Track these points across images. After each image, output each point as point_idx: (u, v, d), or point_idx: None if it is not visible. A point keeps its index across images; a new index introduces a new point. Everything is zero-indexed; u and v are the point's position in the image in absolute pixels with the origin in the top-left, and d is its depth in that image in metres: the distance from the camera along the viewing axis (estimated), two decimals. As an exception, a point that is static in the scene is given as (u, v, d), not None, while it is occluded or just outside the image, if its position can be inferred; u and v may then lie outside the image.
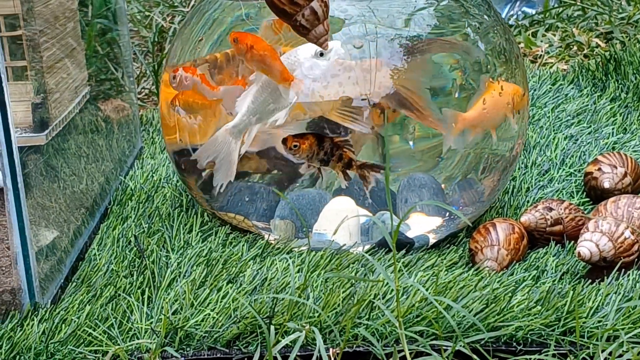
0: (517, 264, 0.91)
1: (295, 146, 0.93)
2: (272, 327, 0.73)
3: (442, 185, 0.98)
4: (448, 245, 0.98)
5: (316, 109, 0.94)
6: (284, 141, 0.94)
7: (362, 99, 0.94)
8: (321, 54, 0.91)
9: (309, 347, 0.77)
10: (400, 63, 0.94)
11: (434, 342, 0.73)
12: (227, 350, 0.78)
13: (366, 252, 0.95)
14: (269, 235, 0.98)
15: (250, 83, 0.93)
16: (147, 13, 1.87)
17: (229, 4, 0.99)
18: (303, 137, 0.94)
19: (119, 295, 0.87)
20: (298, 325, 0.74)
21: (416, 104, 0.93)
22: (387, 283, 0.81)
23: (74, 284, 0.93)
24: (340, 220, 0.99)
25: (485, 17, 1.00)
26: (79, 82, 1.20)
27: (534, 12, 1.82)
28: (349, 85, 0.91)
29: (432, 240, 0.99)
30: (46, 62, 1.06)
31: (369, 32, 0.93)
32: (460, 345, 0.71)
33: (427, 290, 0.80)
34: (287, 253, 0.93)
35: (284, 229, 1.02)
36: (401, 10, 0.95)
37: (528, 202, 1.07)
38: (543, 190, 1.09)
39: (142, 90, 1.63)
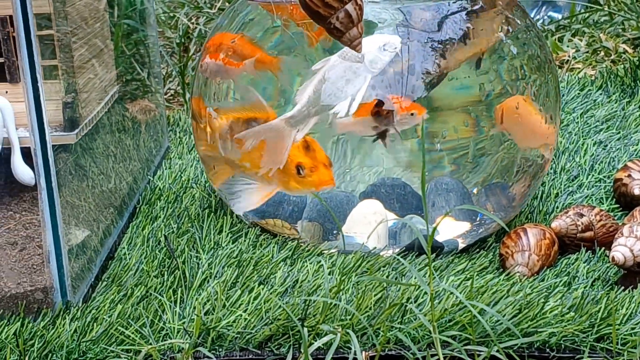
0: (548, 269, 0.91)
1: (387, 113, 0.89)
2: (305, 329, 0.73)
3: (475, 190, 0.98)
4: (477, 249, 0.98)
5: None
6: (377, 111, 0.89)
7: (394, 102, 0.94)
8: (384, 48, 0.90)
9: (341, 350, 0.77)
10: (432, 67, 0.94)
11: (468, 347, 0.73)
12: (259, 352, 0.78)
13: (389, 256, 0.95)
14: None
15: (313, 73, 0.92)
16: (171, 14, 1.88)
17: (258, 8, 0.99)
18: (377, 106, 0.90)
19: (150, 294, 0.88)
20: (331, 327, 0.73)
21: None
22: (419, 287, 0.81)
23: (104, 283, 0.94)
24: (368, 223, 0.99)
25: (518, 21, 1.00)
26: (107, 82, 1.20)
27: (560, 17, 1.81)
28: (382, 89, 0.91)
29: (460, 245, 0.99)
30: (76, 62, 1.07)
31: (402, 36, 0.93)
32: (495, 351, 0.70)
33: (461, 293, 0.80)
34: (318, 255, 0.93)
35: (312, 231, 1.02)
36: (434, 13, 0.95)
37: (557, 207, 1.06)
38: (572, 196, 1.09)
39: (168, 90, 1.64)
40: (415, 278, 0.85)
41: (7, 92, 1.08)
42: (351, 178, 1.02)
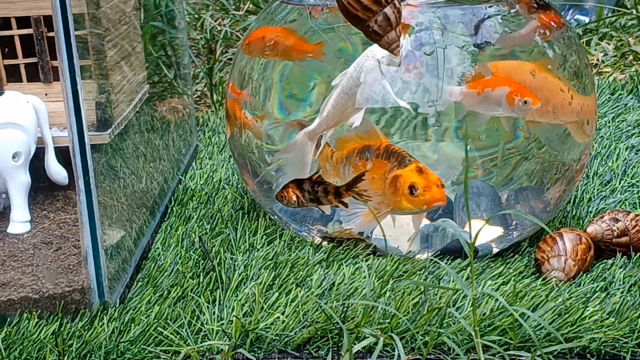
0: (584, 275, 0.91)
1: (282, 197, 0.94)
2: (345, 333, 0.73)
3: (505, 196, 0.98)
4: (512, 254, 0.97)
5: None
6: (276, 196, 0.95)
7: (429, 106, 0.94)
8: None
9: (380, 354, 0.77)
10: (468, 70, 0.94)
11: (510, 352, 0.72)
12: (298, 354, 0.78)
13: (424, 260, 0.95)
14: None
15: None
16: (196, 15, 1.88)
17: (298, 9, 0.99)
18: (284, 189, 0.95)
19: (187, 295, 0.88)
20: (371, 331, 0.73)
21: None
22: (458, 291, 0.81)
23: (140, 283, 0.94)
24: (401, 226, 1.00)
25: (553, 24, 1.00)
26: (137, 82, 1.21)
27: (587, 20, 1.80)
28: (419, 92, 0.91)
29: (494, 250, 0.98)
30: (109, 62, 1.07)
31: (438, 39, 0.93)
32: (537, 356, 0.70)
33: (497, 299, 0.79)
34: (353, 258, 0.93)
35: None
36: (471, 17, 0.94)
37: (590, 212, 1.06)
38: (605, 200, 1.08)
39: (195, 92, 1.64)
40: (453, 282, 0.85)
41: (46, 94, 1.09)
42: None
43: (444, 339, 0.72)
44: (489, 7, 0.96)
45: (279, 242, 0.96)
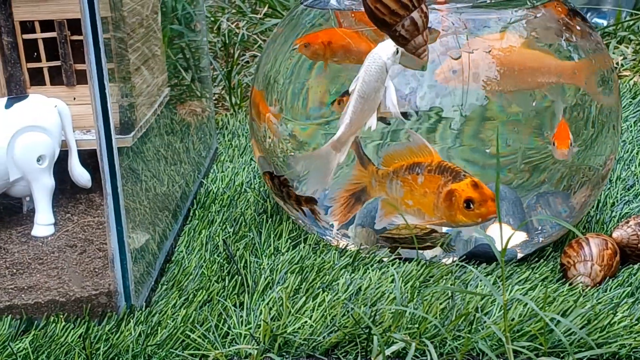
0: (610, 280, 0.90)
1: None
2: (375, 338, 0.73)
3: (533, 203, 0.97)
4: (536, 259, 0.97)
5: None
6: None
7: (454, 111, 0.94)
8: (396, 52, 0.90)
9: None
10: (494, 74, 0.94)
11: (540, 358, 0.72)
12: (326, 359, 0.78)
13: (450, 264, 0.95)
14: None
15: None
16: (212, 18, 1.89)
17: (323, 13, 0.99)
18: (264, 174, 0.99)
19: (213, 299, 0.88)
20: (402, 336, 0.73)
21: None
22: (486, 296, 0.81)
23: (164, 286, 0.94)
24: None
25: (578, 27, 0.99)
26: (159, 85, 1.21)
27: (605, 23, 1.80)
28: (446, 97, 0.91)
29: (519, 255, 0.98)
30: (132, 65, 1.08)
31: (463, 43, 0.93)
32: (568, 362, 0.70)
33: (527, 304, 0.79)
34: (378, 262, 0.93)
35: (365, 237, 1.02)
36: (497, 22, 0.94)
37: (614, 217, 1.06)
38: (629, 205, 1.08)
39: (213, 95, 1.64)
40: (481, 287, 0.85)
41: (74, 98, 1.09)
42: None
43: (476, 344, 0.72)
44: (515, 11, 0.96)
45: (304, 246, 0.96)
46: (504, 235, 0.72)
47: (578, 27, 0.99)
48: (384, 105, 0.92)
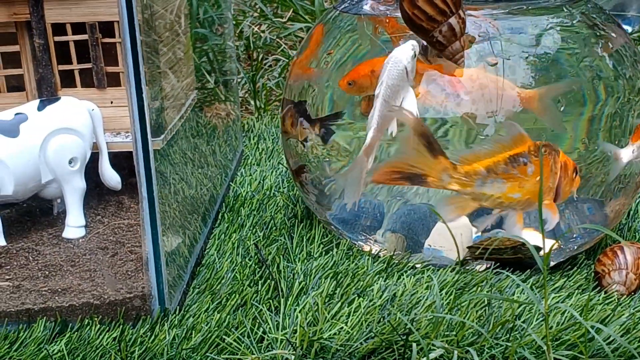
0: (645, 288, 0.90)
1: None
2: (415, 345, 0.73)
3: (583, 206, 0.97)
4: (569, 267, 0.97)
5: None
6: None
7: (489, 117, 0.93)
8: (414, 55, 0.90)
9: (446, 366, 0.76)
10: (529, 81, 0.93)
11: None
12: (363, 365, 0.78)
13: (484, 271, 0.94)
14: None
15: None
16: (234, 22, 1.89)
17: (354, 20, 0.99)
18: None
19: (247, 303, 0.88)
20: (442, 344, 0.73)
21: None
22: (522, 304, 0.80)
23: (196, 290, 0.94)
24: (454, 236, 0.99)
25: (612, 34, 0.99)
26: (187, 88, 1.21)
27: (630, 29, 1.79)
28: (482, 103, 0.91)
29: (551, 263, 0.98)
30: (163, 68, 1.08)
31: (498, 49, 0.92)
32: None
33: (565, 312, 0.79)
34: (411, 268, 0.93)
35: (395, 242, 1.02)
36: (533, 28, 0.94)
37: (646, 225, 1.05)
38: (660, 213, 1.08)
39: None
40: (518, 294, 0.85)
41: (112, 102, 1.09)
42: (429, 190, 1.01)
43: (520, 352, 0.72)
44: (551, 18, 0.95)
45: (337, 252, 0.96)
46: (552, 246, 0.72)
47: (613, 34, 0.98)
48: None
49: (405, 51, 0.89)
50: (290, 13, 1.82)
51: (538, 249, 0.80)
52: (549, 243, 1.00)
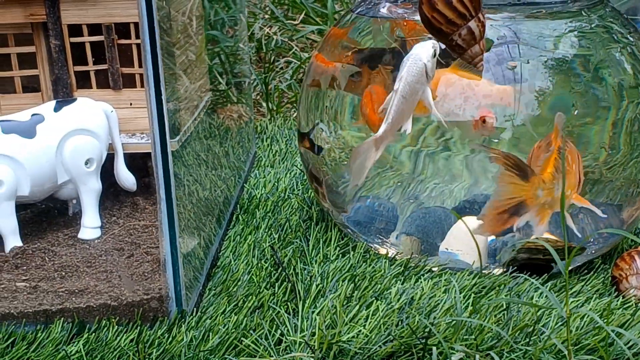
0: (663, 293, 0.90)
1: None
2: (435, 349, 0.73)
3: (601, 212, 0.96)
4: (586, 271, 0.97)
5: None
6: None
7: (506, 121, 0.93)
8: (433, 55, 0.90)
9: (466, 370, 0.76)
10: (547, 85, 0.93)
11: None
12: (382, 368, 0.78)
13: (500, 275, 0.94)
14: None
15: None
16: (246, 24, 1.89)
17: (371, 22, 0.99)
18: None
19: (263, 305, 0.88)
20: (463, 348, 0.73)
21: None
22: (540, 308, 0.80)
23: (212, 292, 0.94)
24: (470, 240, 0.99)
25: (630, 37, 0.99)
26: (201, 89, 1.21)
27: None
28: (503, 107, 0.91)
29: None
30: (178, 69, 1.08)
31: (516, 53, 0.92)
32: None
33: (584, 317, 0.79)
34: (428, 272, 0.93)
35: (409, 245, 1.02)
36: (551, 32, 0.94)
37: (661, 230, 1.05)
38: (676, 218, 1.07)
39: (249, 99, 1.64)
40: (537, 299, 0.84)
41: (131, 103, 1.10)
42: (442, 193, 1.01)
43: (541, 356, 0.71)
44: (570, 22, 0.95)
45: (353, 254, 0.96)
46: (575, 250, 0.72)
47: (630, 38, 0.98)
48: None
49: (426, 49, 0.89)
50: (302, 15, 1.82)
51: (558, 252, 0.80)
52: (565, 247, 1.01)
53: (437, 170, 1.00)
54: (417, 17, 0.90)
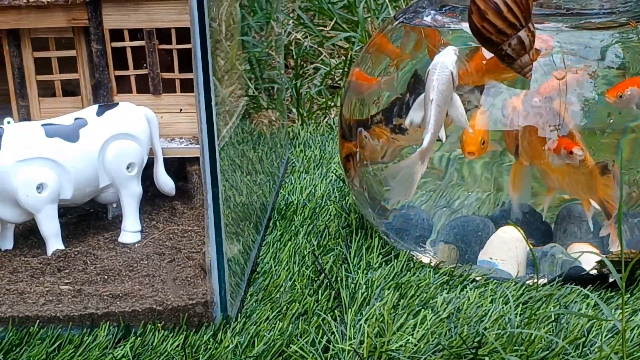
0: None
1: None
2: (487, 359, 0.73)
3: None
4: (628, 282, 0.96)
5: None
6: None
7: (551, 130, 0.93)
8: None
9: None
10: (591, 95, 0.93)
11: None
12: (431, 378, 0.78)
13: (543, 286, 0.94)
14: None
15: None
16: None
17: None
18: None
19: (308, 312, 0.88)
20: (516, 358, 0.73)
21: None
22: (591, 319, 0.80)
23: (254, 298, 0.94)
24: (509, 249, 0.99)
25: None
26: (238, 94, 1.21)
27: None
28: (550, 115, 0.91)
29: (610, 278, 0.97)
30: (221, 74, 1.08)
31: (562, 63, 0.92)
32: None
33: (634, 329, 0.78)
34: (472, 281, 0.93)
35: (448, 254, 1.02)
36: (598, 43, 0.94)
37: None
38: None
39: (279, 105, 1.65)
40: (586, 310, 0.84)
41: (181, 110, 1.10)
42: (477, 201, 1.01)
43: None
44: (614, 33, 0.95)
45: (397, 262, 0.96)
46: (634, 262, 0.72)
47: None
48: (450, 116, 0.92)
49: (450, 56, 0.90)
50: (334, 23, 1.82)
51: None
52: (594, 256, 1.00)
53: (473, 178, 1.00)
54: (461, 26, 0.90)
